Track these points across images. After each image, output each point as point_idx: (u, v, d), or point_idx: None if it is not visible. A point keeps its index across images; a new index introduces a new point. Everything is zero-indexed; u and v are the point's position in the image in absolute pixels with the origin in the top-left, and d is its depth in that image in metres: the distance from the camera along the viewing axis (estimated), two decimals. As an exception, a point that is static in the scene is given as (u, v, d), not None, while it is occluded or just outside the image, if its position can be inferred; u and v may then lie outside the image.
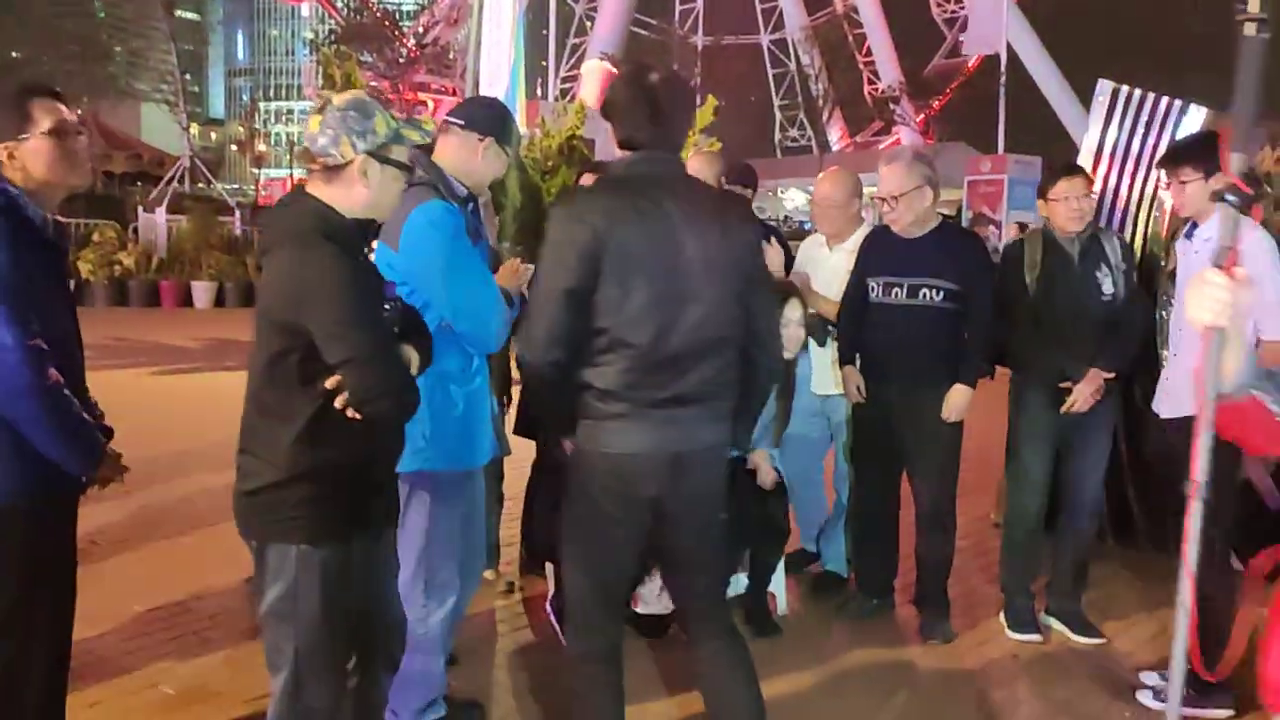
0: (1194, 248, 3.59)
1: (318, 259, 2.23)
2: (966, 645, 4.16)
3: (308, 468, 2.28)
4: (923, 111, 41.23)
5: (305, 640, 2.35)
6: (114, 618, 4.09)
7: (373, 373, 2.23)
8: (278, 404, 2.29)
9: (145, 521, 5.33)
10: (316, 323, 2.20)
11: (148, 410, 8.66)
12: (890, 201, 4.05)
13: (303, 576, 2.31)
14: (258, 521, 2.35)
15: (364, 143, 2.32)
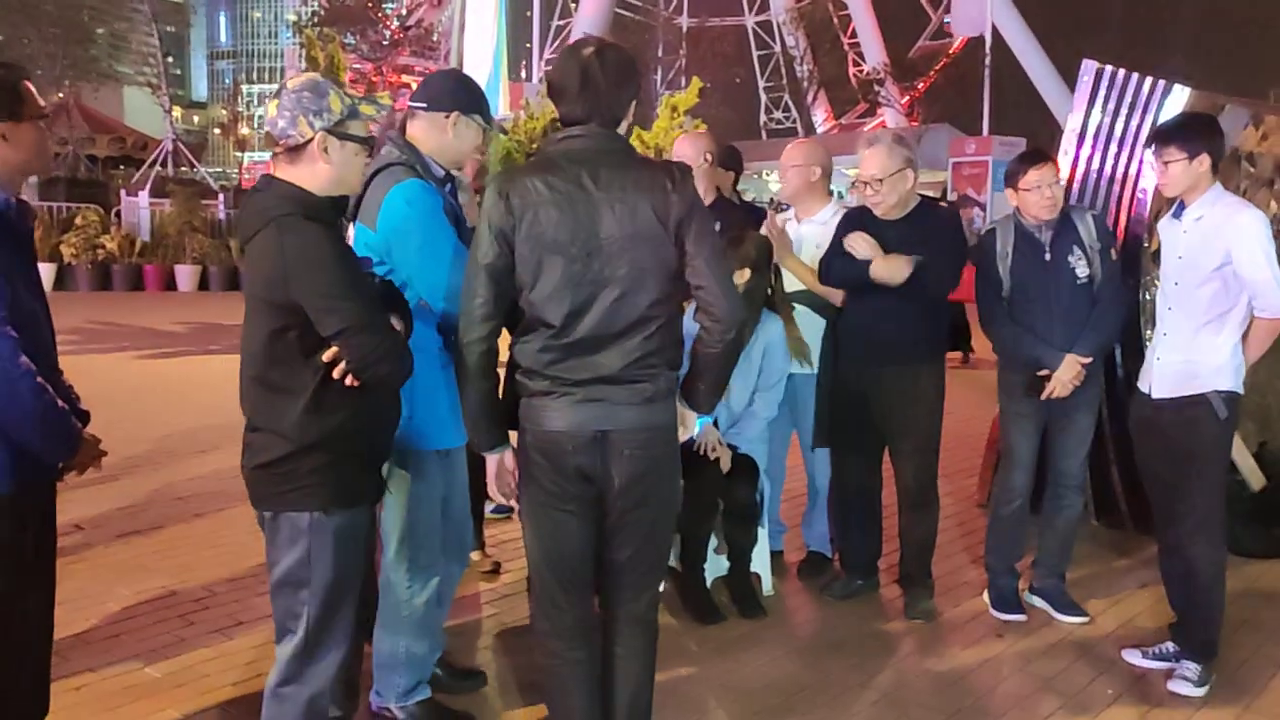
0: (1183, 227, 3.59)
1: (302, 238, 2.31)
2: (951, 624, 4.19)
3: (316, 437, 2.37)
4: (907, 93, 41.17)
5: (319, 605, 2.44)
6: (98, 602, 4.08)
7: (368, 340, 2.32)
8: (282, 379, 2.37)
9: (130, 506, 5.31)
10: (308, 298, 2.29)
11: (132, 394, 8.62)
12: (874, 184, 4.05)
13: (316, 543, 2.41)
14: (271, 492, 2.44)
15: (320, 120, 2.39)
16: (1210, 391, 3.54)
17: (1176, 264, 3.62)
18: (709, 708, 3.40)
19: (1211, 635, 3.66)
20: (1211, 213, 3.52)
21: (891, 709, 3.44)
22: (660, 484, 2.62)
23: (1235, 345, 3.56)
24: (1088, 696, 3.57)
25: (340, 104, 2.41)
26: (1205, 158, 3.50)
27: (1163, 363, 3.65)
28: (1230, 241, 3.46)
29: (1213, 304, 3.53)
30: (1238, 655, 3.85)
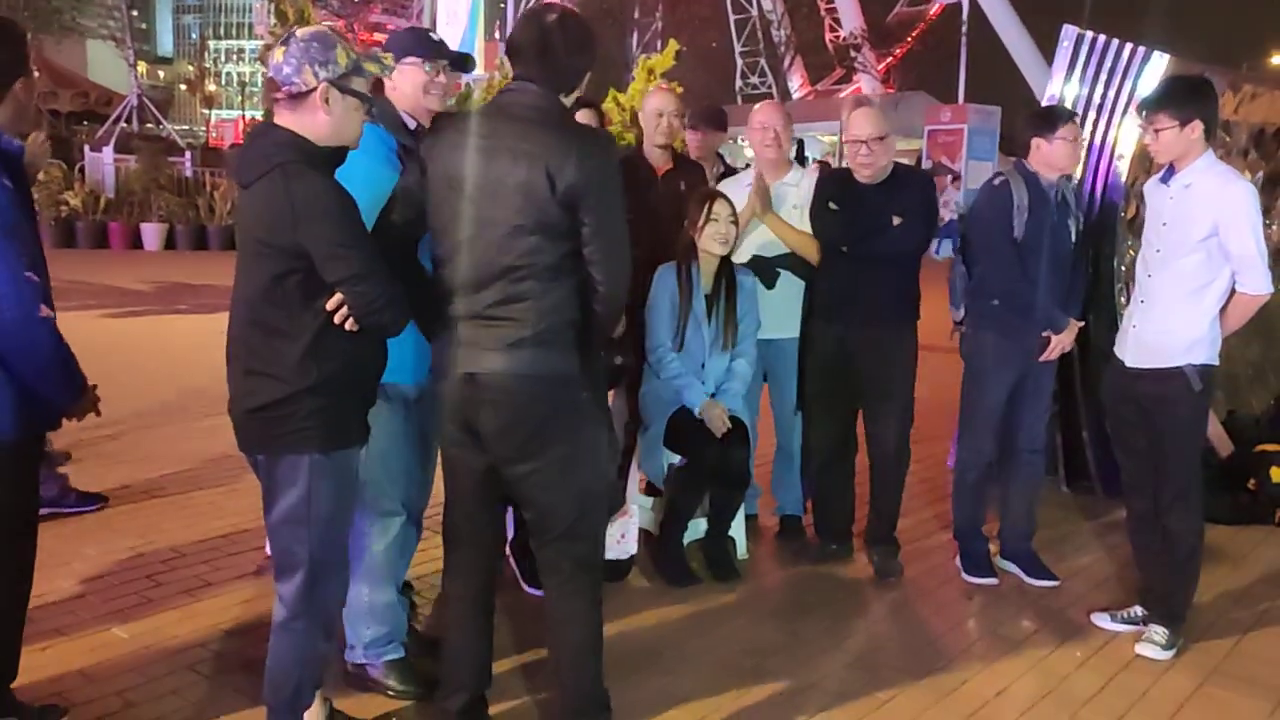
0: (1170, 193, 3.53)
1: (308, 184, 2.36)
2: (922, 588, 4.21)
3: (315, 380, 2.43)
4: (884, 60, 41.08)
5: (319, 542, 2.54)
6: (65, 563, 4.02)
7: (371, 288, 2.39)
8: (283, 323, 2.42)
9: (96, 467, 5.24)
10: (316, 244, 2.35)
11: (98, 353, 8.46)
12: (872, 144, 4.02)
13: (315, 483, 2.49)
14: (268, 435, 2.48)
15: (325, 71, 2.42)
16: (1186, 365, 3.52)
17: (1160, 231, 3.57)
18: (682, 670, 3.41)
19: (1184, 603, 3.71)
20: (1201, 181, 3.46)
21: (863, 671, 3.46)
22: (542, 440, 2.63)
23: (1214, 319, 3.53)
24: (1056, 659, 3.60)
25: (346, 58, 2.45)
26: (1198, 124, 3.43)
27: (1139, 331, 3.64)
28: (1219, 213, 3.40)
29: (1195, 275, 3.48)
30: (1204, 619, 3.90)
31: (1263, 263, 3.42)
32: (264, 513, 2.58)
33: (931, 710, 3.23)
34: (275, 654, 2.63)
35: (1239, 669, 3.58)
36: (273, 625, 2.62)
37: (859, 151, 4.06)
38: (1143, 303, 3.64)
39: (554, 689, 3.00)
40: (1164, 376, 3.56)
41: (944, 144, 24.62)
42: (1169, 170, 3.56)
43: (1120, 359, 3.72)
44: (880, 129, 4.03)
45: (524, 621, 3.69)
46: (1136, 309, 3.67)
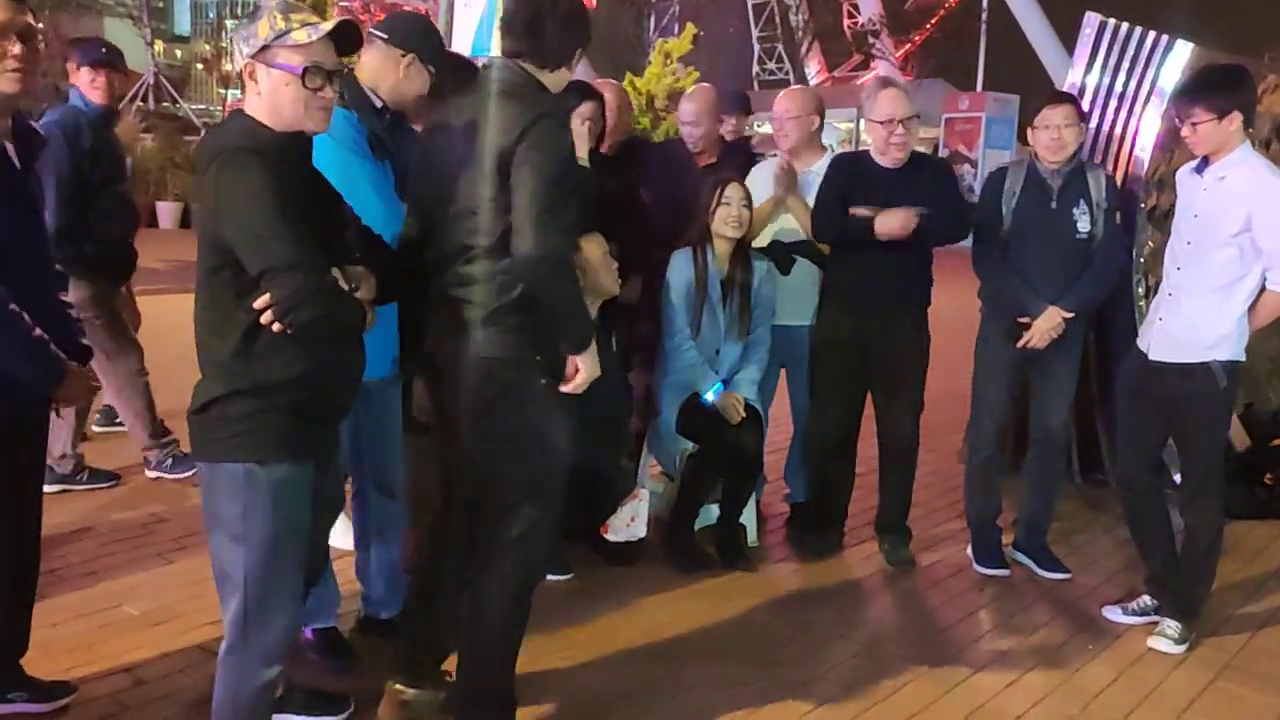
0: (1203, 184, 3.47)
1: (238, 173, 2.18)
2: (932, 578, 4.19)
3: (250, 382, 2.25)
4: (902, 46, 40.80)
5: (258, 566, 2.30)
6: (76, 538, 4.04)
7: (291, 282, 2.17)
8: (216, 320, 2.28)
9: (109, 444, 5.25)
10: (234, 235, 2.18)
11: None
12: (908, 123, 3.99)
13: (251, 497, 2.27)
14: (205, 438, 2.31)
15: (247, 47, 2.26)
16: (1212, 361, 3.47)
17: (1191, 222, 3.49)
18: (690, 656, 3.40)
19: (1199, 598, 3.68)
20: (1236, 174, 3.38)
21: (872, 661, 3.45)
22: (486, 420, 2.61)
23: (1242, 315, 3.47)
24: (1067, 652, 3.58)
25: (269, 29, 2.24)
26: (1237, 116, 3.34)
27: (1165, 324, 3.57)
28: (1253, 207, 3.33)
29: (1225, 270, 3.42)
30: (1218, 614, 3.87)
31: None
32: (204, 525, 2.40)
33: (941, 701, 3.21)
34: (217, 686, 2.43)
35: (1252, 664, 3.55)
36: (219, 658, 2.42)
37: (893, 133, 3.99)
38: (1170, 295, 3.57)
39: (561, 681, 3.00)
40: (1188, 371, 3.51)
41: (961, 132, 24.50)
42: (1203, 160, 3.49)
43: (1142, 350, 3.67)
44: (911, 109, 4.01)
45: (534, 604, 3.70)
46: (1164, 301, 3.60)
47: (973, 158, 23.51)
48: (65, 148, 4.22)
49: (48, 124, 4.20)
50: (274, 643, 2.38)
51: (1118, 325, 4.74)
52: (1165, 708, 3.24)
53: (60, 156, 4.18)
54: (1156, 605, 3.75)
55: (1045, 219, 3.95)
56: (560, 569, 3.97)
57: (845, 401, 4.27)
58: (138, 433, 4.78)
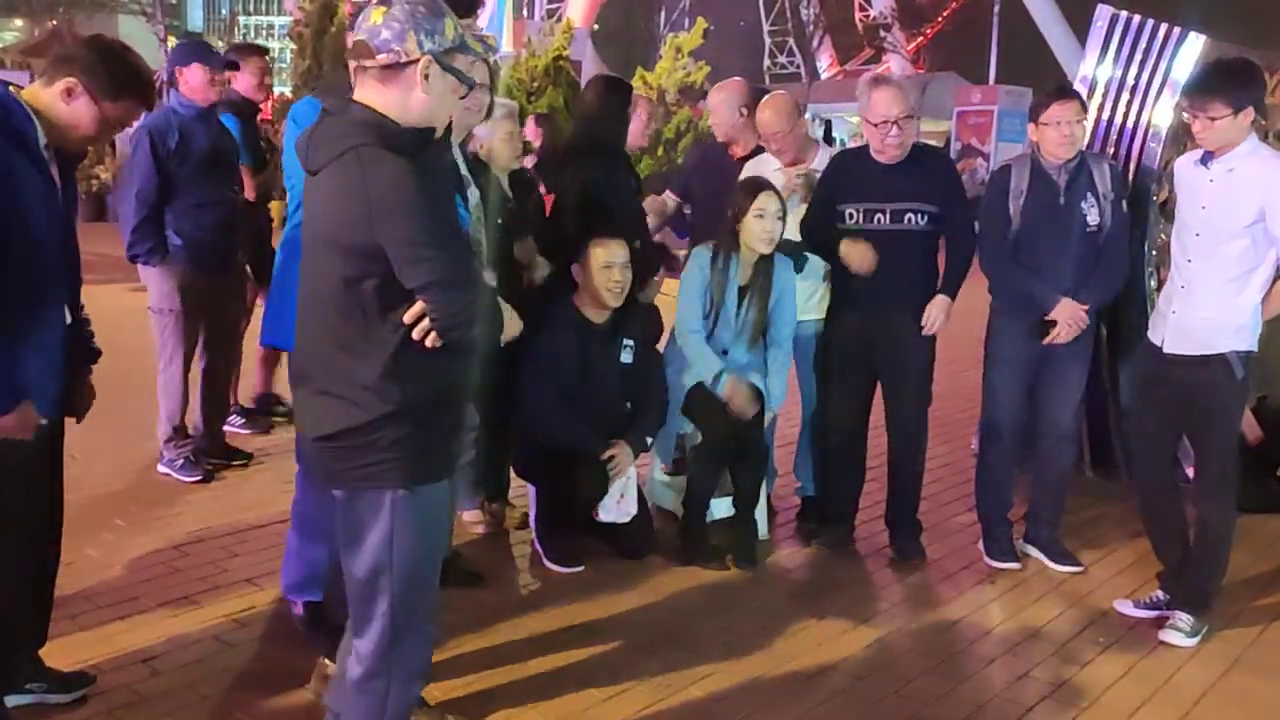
0: (1210, 176, 3.46)
1: (388, 172, 2.03)
2: (943, 571, 4.20)
3: (399, 404, 2.11)
4: (914, 40, 40.65)
5: (403, 589, 2.22)
6: (93, 532, 4.07)
7: (457, 297, 2.06)
8: (357, 337, 2.11)
9: (124, 436, 5.29)
10: (394, 245, 2.02)
11: (128, 327, 8.56)
12: (903, 123, 3.98)
13: (399, 523, 2.17)
14: (345, 467, 2.18)
15: (431, 43, 2.11)
16: (1230, 351, 3.47)
17: (1200, 215, 3.49)
18: (700, 648, 3.42)
19: (1211, 590, 3.68)
20: (1245, 165, 3.38)
21: (882, 653, 3.46)
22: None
23: (1256, 305, 3.47)
24: (1078, 645, 3.59)
25: (453, 31, 2.14)
26: (1251, 111, 3.34)
27: (1178, 317, 3.57)
28: (1265, 197, 3.33)
29: (1239, 261, 3.42)
30: (1230, 608, 3.86)
31: None
32: (341, 550, 2.29)
33: (952, 693, 3.22)
34: (351, 713, 2.33)
35: (1263, 658, 3.55)
36: (347, 681, 2.33)
37: (889, 133, 3.99)
38: (1183, 288, 3.56)
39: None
40: (1206, 363, 3.50)
41: (974, 125, 24.41)
42: (1207, 153, 3.49)
43: (1155, 343, 3.67)
44: (907, 107, 4.00)
45: (546, 596, 3.72)
46: (1176, 294, 3.59)
47: (985, 151, 23.42)
48: (149, 148, 4.47)
49: (139, 126, 4.47)
50: (420, 662, 2.34)
51: (1130, 318, 4.73)
52: (1176, 701, 3.24)
53: (145, 156, 4.46)
54: (1168, 599, 3.75)
55: (1054, 215, 3.95)
56: (571, 562, 4.00)
57: (853, 396, 4.27)
58: (162, 426, 4.82)
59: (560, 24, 16.20)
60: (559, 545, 4.04)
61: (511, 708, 3.00)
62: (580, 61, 15.65)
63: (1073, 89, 4.19)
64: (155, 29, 33.64)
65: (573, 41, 15.31)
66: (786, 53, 49.54)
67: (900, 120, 3.97)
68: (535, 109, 13.07)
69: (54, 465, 2.86)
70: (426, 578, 2.28)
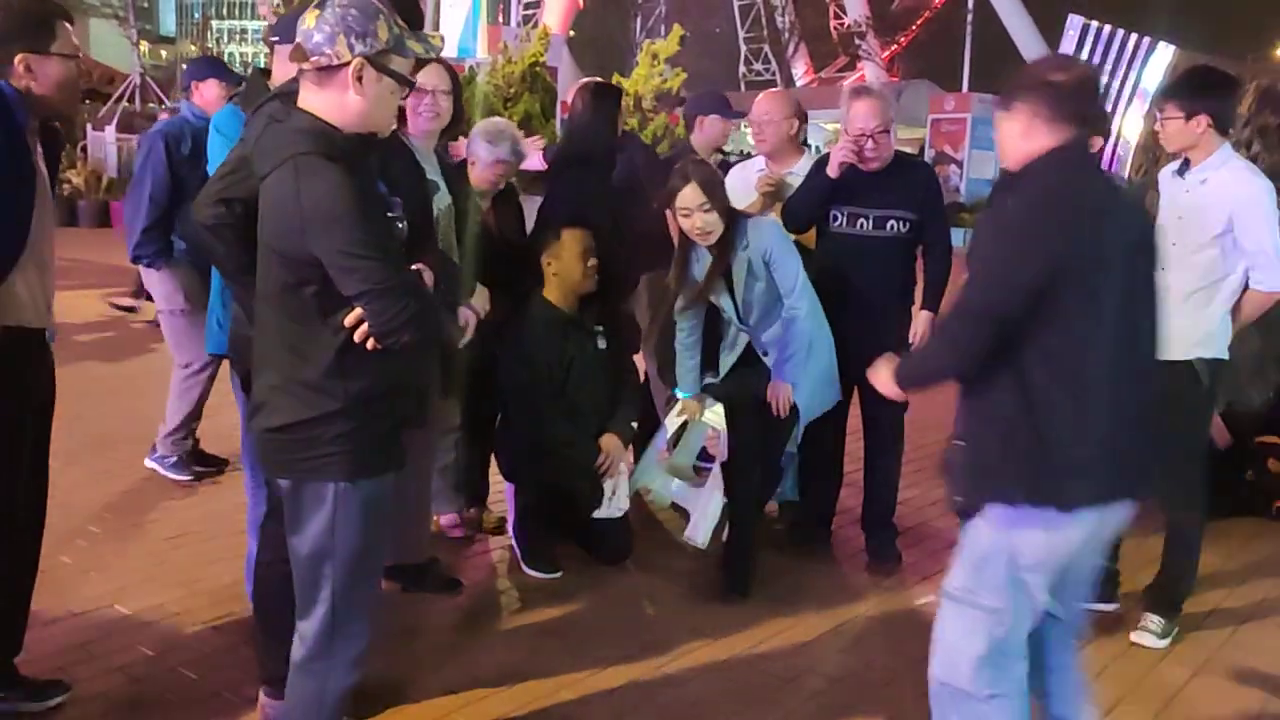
0: (1185, 186, 3.53)
1: (322, 184, 2.07)
2: (920, 572, 4.23)
3: (343, 402, 2.19)
4: (888, 48, 40.93)
5: (345, 578, 2.30)
6: (68, 539, 4.04)
7: (392, 304, 2.10)
8: (300, 338, 2.19)
9: (98, 442, 5.26)
10: (327, 255, 2.08)
11: (100, 331, 8.52)
12: (878, 136, 4.00)
13: (341, 514, 2.26)
14: (290, 459, 2.26)
15: (362, 45, 2.14)
16: (1197, 359, 3.53)
17: (1175, 224, 3.54)
18: (676, 652, 3.43)
19: (1181, 593, 3.73)
20: (1217, 176, 3.45)
21: (860, 654, 3.48)
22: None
23: (1225, 313, 3.53)
24: (1052, 647, 3.62)
25: (388, 32, 2.16)
26: (1203, 119, 3.41)
27: None
28: (1235, 209, 3.39)
29: (1209, 270, 3.48)
30: (1199, 610, 3.91)
31: (1278, 259, 3.42)
32: (287, 537, 2.37)
33: (928, 696, 3.24)
34: (294, 693, 2.43)
35: (1234, 659, 3.60)
36: (291, 661, 2.42)
37: (865, 145, 4.02)
38: None
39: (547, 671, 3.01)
40: (1172, 369, 3.55)
41: (947, 133, 24.58)
42: (1184, 163, 3.55)
43: None
44: (884, 119, 4.02)
45: (523, 601, 3.73)
46: None
47: (958, 158, 23.59)
48: (164, 153, 4.61)
49: (154, 131, 4.75)
50: (359, 650, 2.39)
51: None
52: (1149, 702, 3.28)
53: (159, 159, 4.60)
54: (1097, 595, 3.82)
55: None
56: (550, 567, 4.00)
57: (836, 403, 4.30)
58: (170, 420, 4.80)
59: (536, 30, 16.22)
60: (537, 550, 4.05)
61: (488, 714, 3.00)
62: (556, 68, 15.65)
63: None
64: (128, 33, 33.41)
65: (549, 48, 15.32)
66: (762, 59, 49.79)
67: (875, 133, 4.01)
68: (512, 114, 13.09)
69: (35, 474, 2.84)
70: (368, 568, 2.36)
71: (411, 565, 3.71)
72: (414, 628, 3.50)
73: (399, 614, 3.57)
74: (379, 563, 2.42)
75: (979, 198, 18.08)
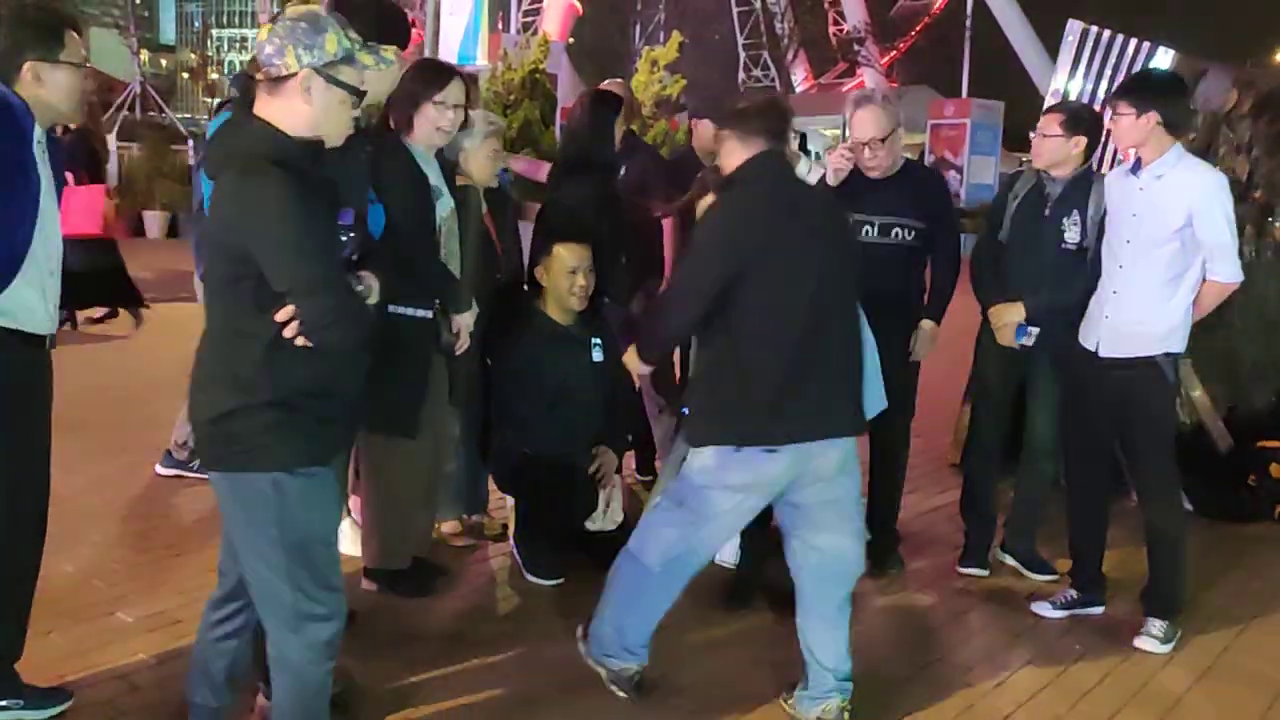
0: (1139, 184, 3.60)
1: (261, 184, 2.17)
2: (921, 580, 4.23)
3: (272, 395, 2.25)
4: (888, 54, 41.01)
5: (296, 569, 2.32)
6: (70, 546, 4.03)
7: (320, 303, 2.19)
8: (236, 329, 2.27)
9: (100, 450, 5.25)
10: (260, 251, 2.17)
11: (102, 339, 8.51)
12: (874, 145, 4.00)
13: (283, 505, 2.29)
14: (225, 450, 2.30)
15: (310, 56, 2.23)
16: (1160, 354, 3.58)
17: (1130, 222, 3.63)
18: (681, 657, 3.43)
19: (1177, 593, 3.73)
20: (1173, 173, 3.53)
21: (862, 661, 3.45)
22: None
23: (1188, 307, 3.60)
24: (1054, 652, 3.62)
25: (337, 45, 2.24)
26: (1153, 115, 3.50)
27: (1112, 320, 3.67)
28: (1192, 203, 3.48)
29: (1170, 265, 3.55)
30: (1203, 614, 3.91)
31: (1235, 251, 3.53)
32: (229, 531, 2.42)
33: (931, 701, 3.24)
34: (276, 690, 2.46)
35: (1237, 664, 3.59)
36: (269, 660, 2.46)
37: (862, 154, 4.02)
38: (1115, 293, 3.68)
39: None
40: (1139, 366, 3.62)
41: (947, 139, 24.57)
42: (1136, 162, 3.64)
43: (1089, 349, 3.75)
44: (884, 128, 3.99)
45: (525, 609, 3.72)
46: (1109, 299, 3.70)
47: (958, 164, 23.58)
48: None
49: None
50: (326, 640, 2.40)
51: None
52: (1152, 707, 3.28)
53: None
54: (1080, 597, 3.89)
55: (1034, 226, 4.01)
56: (551, 574, 3.99)
57: None
58: (182, 426, 4.78)
59: (536, 38, 16.24)
60: (539, 558, 4.04)
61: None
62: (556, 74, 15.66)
63: (1062, 104, 4.25)
64: (129, 42, 33.52)
65: (549, 55, 15.33)
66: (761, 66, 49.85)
67: (872, 143, 4.00)
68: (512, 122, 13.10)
69: (35, 480, 2.85)
70: (314, 559, 2.36)
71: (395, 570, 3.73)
72: (413, 633, 3.49)
73: (398, 619, 3.58)
74: (331, 552, 2.43)
75: (980, 203, 18.08)
